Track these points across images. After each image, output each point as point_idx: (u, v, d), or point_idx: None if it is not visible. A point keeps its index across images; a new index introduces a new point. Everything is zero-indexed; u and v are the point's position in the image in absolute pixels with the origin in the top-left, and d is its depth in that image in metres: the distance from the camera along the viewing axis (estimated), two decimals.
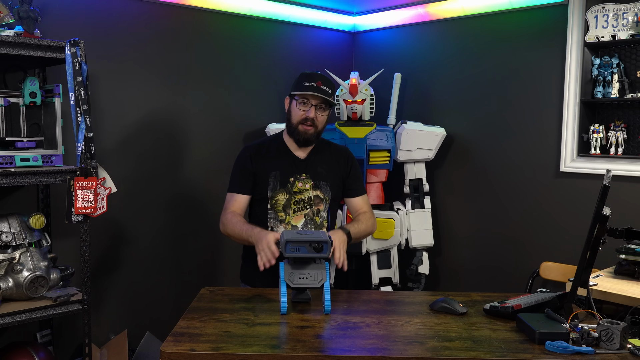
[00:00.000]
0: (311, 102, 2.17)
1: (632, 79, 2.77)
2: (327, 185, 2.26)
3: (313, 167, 2.26)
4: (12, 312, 2.18)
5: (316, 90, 2.15)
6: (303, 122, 2.18)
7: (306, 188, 2.22)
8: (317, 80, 2.17)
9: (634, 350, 1.40)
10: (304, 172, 2.23)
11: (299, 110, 2.18)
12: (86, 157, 2.33)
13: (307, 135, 2.20)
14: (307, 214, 2.23)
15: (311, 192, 2.24)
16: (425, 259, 3.32)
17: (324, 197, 2.26)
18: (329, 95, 2.18)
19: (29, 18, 2.26)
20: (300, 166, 2.24)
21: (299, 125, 2.19)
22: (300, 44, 3.65)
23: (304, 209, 2.23)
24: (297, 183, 2.22)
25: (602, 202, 1.59)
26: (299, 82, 2.19)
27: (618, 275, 2.31)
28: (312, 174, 2.24)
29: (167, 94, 3.10)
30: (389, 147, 3.21)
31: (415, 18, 3.56)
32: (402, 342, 1.49)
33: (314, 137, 2.21)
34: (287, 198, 2.21)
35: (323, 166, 2.27)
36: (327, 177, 2.27)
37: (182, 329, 1.54)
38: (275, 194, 2.20)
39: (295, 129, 2.20)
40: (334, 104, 2.24)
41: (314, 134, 2.21)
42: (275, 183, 2.21)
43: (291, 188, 2.21)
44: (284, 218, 2.21)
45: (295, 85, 2.21)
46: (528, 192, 3.12)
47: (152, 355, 2.87)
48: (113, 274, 2.99)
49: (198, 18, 3.18)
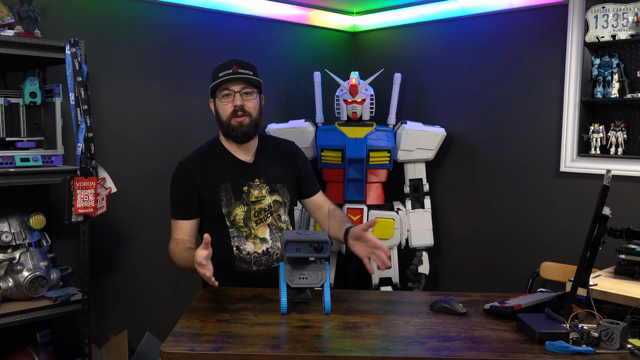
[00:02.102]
0: (233, 90, 2.00)
1: (632, 79, 2.76)
2: (283, 187, 2.10)
3: (264, 170, 2.08)
4: (12, 312, 2.19)
5: (234, 74, 1.98)
6: (234, 115, 1.99)
7: (263, 194, 2.04)
8: (232, 66, 2.00)
9: (634, 350, 1.40)
10: (256, 177, 2.05)
11: (224, 104, 2.01)
12: (86, 157, 2.33)
13: (244, 128, 2.00)
14: (271, 222, 2.06)
15: (269, 197, 2.06)
16: (425, 259, 3.32)
17: (283, 200, 2.10)
18: (250, 75, 2.01)
19: (29, 18, 2.26)
20: (250, 171, 2.06)
21: (231, 120, 2.00)
22: (300, 44, 3.65)
23: (266, 218, 2.05)
24: (252, 191, 2.03)
25: (602, 202, 1.59)
26: (214, 76, 2.03)
27: (618, 275, 2.31)
28: (265, 177, 2.06)
29: (167, 93, 3.10)
30: (389, 147, 3.21)
31: (415, 18, 3.56)
32: (402, 342, 1.49)
33: (251, 127, 2.02)
34: (246, 210, 2.02)
35: (274, 166, 2.10)
36: (281, 178, 2.10)
37: (182, 329, 1.54)
38: (232, 209, 2.02)
39: (229, 125, 2.01)
40: (260, 83, 2.05)
41: (251, 124, 2.02)
42: (229, 197, 2.02)
43: (247, 198, 2.02)
44: (249, 233, 2.03)
45: (212, 80, 2.04)
46: (528, 192, 3.12)
47: (152, 355, 2.87)
48: (113, 274, 2.99)
49: (198, 18, 3.18)
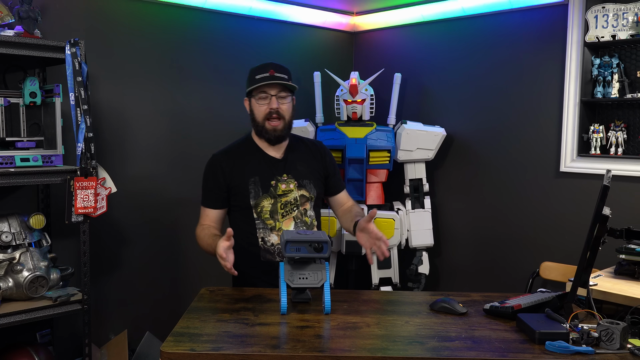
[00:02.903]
0: (270, 93, 2.07)
1: (632, 79, 2.76)
2: (310, 183, 2.18)
3: (293, 166, 2.16)
4: (12, 312, 2.18)
5: (271, 79, 2.05)
6: (268, 117, 2.08)
7: (290, 188, 2.13)
8: (269, 69, 2.07)
9: (634, 350, 1.40)
10: (284, 172, 2.14)
11: (260, 106, 2.09)
12: (86, 157, 2.33)
13: (277, 132, 2.10)
14: (296, 216, 2.15)
15: (296, 192, 2.14)
16: (425, 259, 3.32)
17: (310, 195, 2.18)
18: (286, 80, 2.08)
19: (29, 18, 2.26)
20: (279, 167, 2.15)
21: (265, 123, 2.09)
22: (300, 44, 3.65)
23: (292, 211, 2.13)
24: (280, 185, 2.12)
25: (602, 202, 1.59)
26: (251, 78, 2.10)
27: (618, 275, 2.31)
28: (293, 173, 2.15)
29: (167, 93, 3.10)
30: (389, 147, 3.21)
31: (415, 18, 3.56)
32: (402, 342, 1.49)
33: (284, 131, 2.12)
34: (273, 203, 2.11)
35: (302, 164, 2.18)
36: (309, 175, 2.18)
37: (182, 329, 1.54)
38: (259, 201, 2.11)
39: (263, 127, 2.10)
40: (294, 88, 2.13)
41: (284, 128, 2.11)
42: (257, 190, 2.11)
43: (275, 191, 2.11)
44: (273, 225, 2.12)
45: (249, 82, 2.12)
46: (528, 192, 3.12)
47: (152, 355, 2.87)
48: (113, 274, 2.99)
49: (198, 18, 3.18)
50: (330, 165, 2.26)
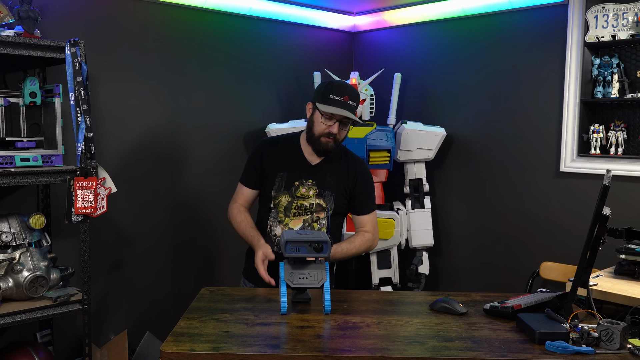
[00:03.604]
0: (336, 118, 2.09)
1: (632, 79, 2.77)
2: (331, 195, 2.19)
3: (321, 175, 2.19)
4: (12, 312, 2.18)
5: (343, 107, 2.06)
6: (325, 135, 2.11)
7: (309, 195, 2.17)
8: (345, 95, 2.07)
9: (634, 350, 1.40)
10: (311, 178, 2.18)
11: (322, 124, 2.10)
12: (86, 157, 2.33)
13: (328, 148, 2.14)
14: (307, 219, 2.18)
15: (314, 199, 2.18)
16: (425, 259, 3.32)
17: (326, 206, 2.19)
18: (354, 110, 2.10)
19: (29, 18, 2.26)
20: (309, 171, 2.19)
21: (320, 137, 2.12)
22: (300, 44, 3.65)
23: (304, 214, 2.18)
24: (300, 188, 2.17)
25: (602, 202, 1.59)
26: (326, 94, 2.08)
27: (618, 275, 2.31)
28: (318, 181, 2.18)
29: (167, 93, 3.10)
30: (389, 147, 3.21)
31: (415, 18, 3.56)
32: (402, 342, 1.49)
33: (334, 149, 2.16)
34: (289, 201, 2.17)
35: (332, 175, 2.20)
36: (333, 187, 2.19)
37: (182, 329, 1.54)
38: (278, 195, 2.18)
39: (317, 140, 2.13)
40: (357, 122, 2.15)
41: (334, 147, 2.15)
42: (280, 184, 2.18)
43: (294, 192, 2.17)
44: (282, 219, 2.18)
45: (322, 95, 2.10)
46: (528, 192, 3.12)
47: (152, 355, 2.87)
48: (113, 274, 2.99)
49: (198, 18, 3.18)
50: (360, 185, 2.24)
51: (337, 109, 2.06)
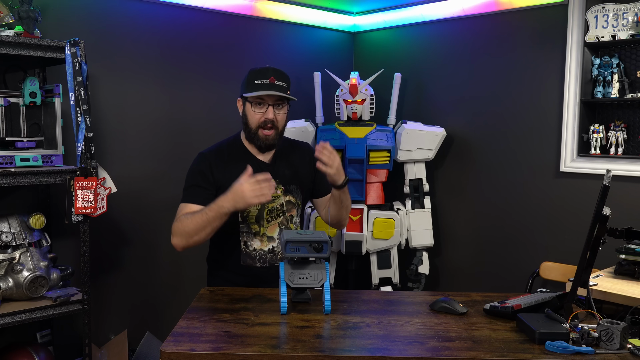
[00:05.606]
0: (267, 102, 2.00)
1: (632, 79, 2.76)
2: (297, 189, 2.13)
3: (281, 171, 2.10)
4: (12, 312, 2.19)
5: (271, 88, 1.97)
6: (262, 126, 2.01)
7: (277, 194, 2.07)
8: (270, 76, 1.98)
9: (634, 350, 1.40)
10: (273, 177, 1.99)
11: (255, 113, 2.01)
12: (86, 157, 2.33)
13: (269, 141, 2.04)
14: (281, 222, 2.10)
15: (283, 198, 2.09)
16: (425, 259, 3.32)
17: (296, 201, 2.13)
18: (285, 90, 2.01)
19: (29, 18, 2.26)
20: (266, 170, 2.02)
21: (258, 130, 2.02)
22: (300, 44, 3.65)
23: (277, 217, 2.09)
24: None
25: (602, 202, 1.59)
26: (250, 81, 2.00)
27: (618, 275, 2.31)
28: (281, 178, 2.09)
29: (167, 93, 3.10)
30: (389, 147, 3.21)
31: (415, 18, 3.56)
32: (402, 342, 1.48)
33: (276, 140, 2.06)
34: (259, 208, 2.05)
35: (291, 168, 2.13)
36: (295, 180, 2.13)
37: (182, 329, 1.54)
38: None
39: (255, 134, 2.04)
40: (291, 98, 2.05)
41: (276, 138, 2.05)
42: None
43: None
44: (257, 231, 2.07)
45: (246, 85, 2.02)
46: (528, 192, 3.12)
47: (152, 355, 2.87)
48: (113, 274, 2.99)
49: (198, 18, 3.18)
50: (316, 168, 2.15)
51: (265, 91, 1.97)
